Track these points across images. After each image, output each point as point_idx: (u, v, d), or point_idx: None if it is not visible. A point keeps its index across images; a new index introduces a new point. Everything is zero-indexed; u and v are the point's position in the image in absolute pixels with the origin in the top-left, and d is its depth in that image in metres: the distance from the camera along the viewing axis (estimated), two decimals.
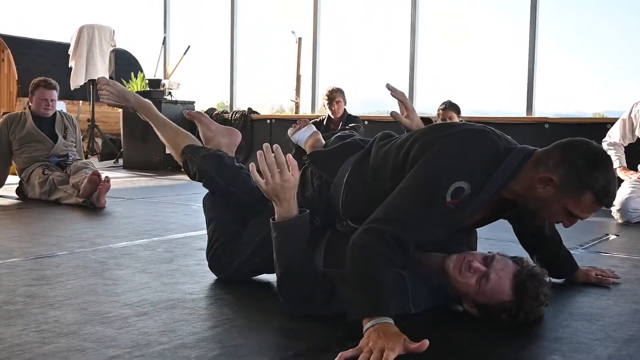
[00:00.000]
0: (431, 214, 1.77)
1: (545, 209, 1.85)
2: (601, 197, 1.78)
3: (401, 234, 1.73)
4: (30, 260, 2.68)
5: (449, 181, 1.76)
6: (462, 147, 1.83)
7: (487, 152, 1.83)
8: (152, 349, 1.64)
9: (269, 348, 1.69)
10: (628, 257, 3.08)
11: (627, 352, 1.70)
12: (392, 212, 1.78)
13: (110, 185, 4.34)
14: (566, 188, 1.78)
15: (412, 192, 1.79)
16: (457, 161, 1.80)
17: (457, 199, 1.76)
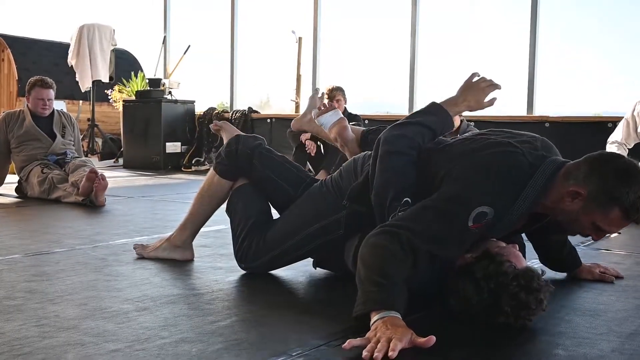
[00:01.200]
0: (451, 235, 1.80)
1: (574, 222, 1.87)
2: (630, 212, 1.77)
3: (415, 241, 1.75)
4: (30, 257, 2.67)
5: (471, 206, 1.78)
6: (487, 172, 1.84)
7: (515, 174, 1.84)
8: (152, 343, 1.63)
9: (271, 342, 1.68)
10: (630, 253, 3.07)
11: (630, 347, 1.69)
12: (413, 221, 1.80)
13: (107, 183, 4.32)
14: (595, 202, 1.78)
15: (436, 210, 1.82)
16: (481, 187, 1.82)
17: (480, 223, 1.79)
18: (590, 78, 7.07)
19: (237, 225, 2.43)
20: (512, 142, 1.92)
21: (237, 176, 2.48)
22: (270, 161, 2.43)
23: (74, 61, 8.37)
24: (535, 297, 1.78)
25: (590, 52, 7.08)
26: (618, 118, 5.41)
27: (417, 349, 1.57)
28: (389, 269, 1.72)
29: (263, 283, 2.31)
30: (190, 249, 2.67)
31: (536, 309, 1.80)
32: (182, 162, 7.95)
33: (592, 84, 7.05)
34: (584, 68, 7.10)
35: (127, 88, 8.71)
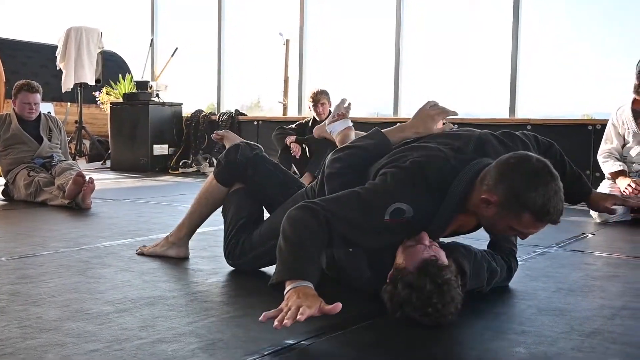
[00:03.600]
0: (367, 224, 1.92)
1: (493, 226, 1.93)
2: (540, 216, 1.80)
3: (333, 221, 1.89)
4: (15, 260, 2.72)
5: (390, 201, 1.89)
6: (410, 174, 1.94)
7: (433, 180, 1.93)
8: (130, 343, 1.69)
9: (245, 342, 1.74)
10: (601, 255, 3.16)
11: (589, 345, 1.77)
12: (335, 203, 1.94)
13: (94, 186, 4.38)
14: (506, 209, 1.82)
15: (358, 198, 1.94)
16: (402, 186, 1.93)
17: (397, 219, 1.89)
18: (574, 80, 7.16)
19: (228, 224, 2.58)
20: (440, 148, 2.02)
21: (233, 182, 2.64)
22: (264, 171, 2.57)
23: (61, 64, 8.41)
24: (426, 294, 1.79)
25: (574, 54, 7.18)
26: (599, 121, 5.52)
27: (382, 349, 1.64)
28: (305, 241, 1.86)
29: (242, 285, 2.38)
30: (186, 247, 2.80)
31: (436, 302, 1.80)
32: (170, 164, 8.00)
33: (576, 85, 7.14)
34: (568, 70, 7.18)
35: (115, 90, 8.75)
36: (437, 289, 1.80)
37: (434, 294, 1.79)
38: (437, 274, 1.81)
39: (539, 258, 2.99)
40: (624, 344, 1.78)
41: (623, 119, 4.41)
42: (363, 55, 8.42)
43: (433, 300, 1.80)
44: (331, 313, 1.71)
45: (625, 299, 2.28)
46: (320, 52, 8.43)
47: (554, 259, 3.00)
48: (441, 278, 1.81)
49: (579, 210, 4.81)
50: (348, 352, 1.71)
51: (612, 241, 3.61)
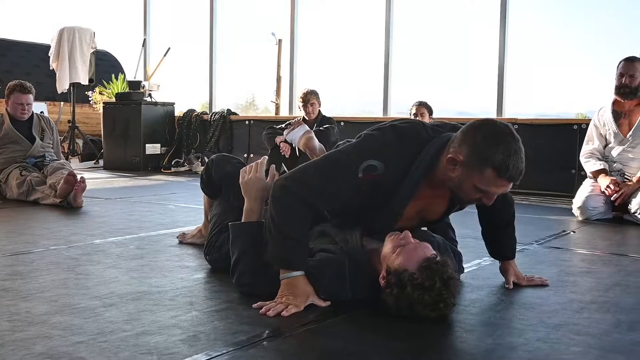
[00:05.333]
0: (342, 181, 2.04)
1: (459, 188, 2.02)
2: (501, 171, 1.91)
3: (311, 197, 2.04)
4: (6, 257, 2.79)
5: (363, 157, 2.02)
6: (384, 133, 2.08)
7: (409, 141, 2.05)
8: (115, 335, 1.77)
9: (226, 334, 1.82)
10: (578, 251, 3.25)
11: (554, 336, 1.85)
12: (307, 174, 2.08)
13: (86, 186, 4.45)
14: (470, 166, 1.94)
15: (332, 158, 2.09)
16: (375, 143, 2.06)
17: (370, 174, 2.01)
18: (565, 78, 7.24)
19: (213, 223, 2.65)
20: (416, 123, 2.15)
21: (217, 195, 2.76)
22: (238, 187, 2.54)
23: (55, 64, 8.46)
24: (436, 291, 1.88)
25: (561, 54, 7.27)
26: (584, 120, 5.61)
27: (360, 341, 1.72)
28: (290, 228, 2.03)
29: (225, 281, 2.44)
30: None
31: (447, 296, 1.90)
32: (162, 163, 8.07)
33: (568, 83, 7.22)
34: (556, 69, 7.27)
35: (108, 90, 8.81)
36: (445, 285, 1.90)
37: (443, 290, 1.89)
38: (442, 271, 1.91)
39: (518, 255, 3.03)
40: (587, 335, 1.86)
41: (604, 120, 4.50)
42: (353, 55, 8.50)
43: (444, 296, 1.90)
44: (319, 305, 2.00)
45: (594, 294, 2.36)
46: (311, 52, 8.50)
47: (532, 255, 3.08)
48: (446, 274, 1.91)
49: (561, 209, 4.91)
50: (326, 343, 1.78)
51: (591, 239, 3.70)
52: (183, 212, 4.32)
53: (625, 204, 4.29)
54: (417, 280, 1.90)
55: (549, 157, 6.03)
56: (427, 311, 1.91)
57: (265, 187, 2.32)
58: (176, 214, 4.23)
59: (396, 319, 1.94)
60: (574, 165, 5.71)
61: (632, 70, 4.30)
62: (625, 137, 4.42)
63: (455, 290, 1.96)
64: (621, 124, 4.44)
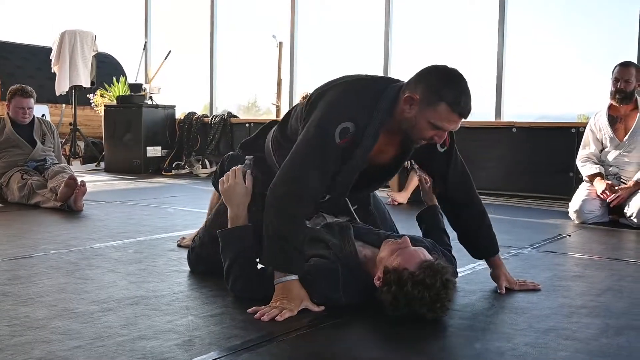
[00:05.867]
0: (325, 156, 2.13)
1: (415, 127, 2.14)
2: (454, 106, 2.07)
3: (304, 189, 2.12)
4: (7, 262, 2.83)
5: (334, 124, 2.12)
6: (343, 95, 2.20)
7: (366, 94, 2.19)
8: (112, 340, 1.81)
9: (221, 338, 1.86)
10: (572, 255, 3.28)
11: (542, 341, 1.89)
12: (294, 169, 2.14)
13: (86, 189, 4.50)
14: (425, 102, 2.09)
15: (307, 141, 2.15)
16: (339, 107, 2.17)
17: (345, 137, 2.12)
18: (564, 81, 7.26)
19: (204, 227, 2.70)
20: (367, 76, 2.30)
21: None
22: None
23: (56, 67, 8.51)
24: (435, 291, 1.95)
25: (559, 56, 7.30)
26: (582, 124, 5.63)
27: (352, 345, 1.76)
28: (289, 232, 2.09)
29: (221, 286, 2.47)
30: None
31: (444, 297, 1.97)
32: (163, 166, 8.11)
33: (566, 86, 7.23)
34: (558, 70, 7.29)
35: (109, 93, 8.85)
36: (444, 286, 1.97)
37: (442, 290, 1.96)
38: (443, 272, 1.98)
39: (511, 259, 3.10)
40: (575, 340, 1.90)
41: (600, 124, 4.54)
42: (352, 57, 8.54)
43: (442, 296, 1.97)
44: (312, 310, 2.05)
45: (585, 298, 2.40)
46: (311, 54, 8.54)
47: (526, 259, 3.12)
48: (446, 275, 1.98)
49: (558, 212, 4.94)
50: (319, 348, 1.82)
51: (586, 242, 3.73)
52: (182, 216, 4.36)
53: (621, 207, 4.32)
54: (419, 277, 1.96)
55: (547, 161, 6.06)
56: (424, 310, 1.97)
57: (246, 192, 2.36)
58: (175, 218, 4.27)
59: (387, 323, 1.98)
60: (572, 168, 5.73)
61: (627, 75, 4.33)
62: (621, 141, 4.45)
63: (451, 294, 2.03)
64: (617, 128, 4.47)
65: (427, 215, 2.71)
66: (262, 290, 2.18)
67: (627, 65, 4.38)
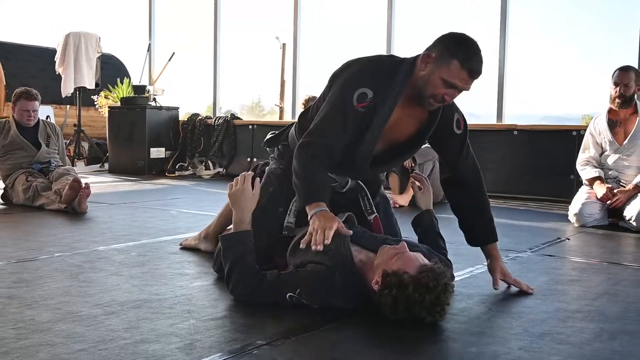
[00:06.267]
0: (345, 117, 2.34)
1: (428, 84, 2.31)
2: (464, 63, 2.26)
3: (325, 142, 2.37)
4: (12, 264, 2.88)
5: (353, 88, 2.34)
6: (362, 67, 2.42)
7: (384, 66, 2.40)
8: (115, 343, 1.85)
9: (222, 342, 1.90)
10: (570, 259, 3.31)
11: (537, 345, 1.92)
12: (319, 125, 2.40)
13: (90, 192, 4.55)
14: (440, 60, 2.29)
15: (329, 104, 2.39)
16: (358, 75, 2.38)
17: (364, 102, 2.33)
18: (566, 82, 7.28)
19: None
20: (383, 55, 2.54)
21: None
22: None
23: (61, 68, 8.57)
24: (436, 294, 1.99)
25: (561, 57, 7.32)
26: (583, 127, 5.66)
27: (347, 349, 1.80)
28: (313, 176, 2.35)
29: (223, 288, 2.52)
30: (213, 243, 3.09)
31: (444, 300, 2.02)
32: (166, 167, 8.16)
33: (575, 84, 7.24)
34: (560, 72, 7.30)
35: (113, 94, 8.91)
36: (444, 290, 2.02)
37: (442, 294, 2.01)
38: (443, 276, 2.03)
39: (510, 262, 3.14)
40: (568, 344, 1.93)
41: (599, 128, 4.57)
42: None
43: (442, 300, 2.02)
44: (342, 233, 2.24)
45: (581, 302, 2.43)
46: (314, 56, 8.58)
47: (524, 263, 3.15)
48: (445, 279, 2.03)
49: (559, 215, 4.97)
50: (318, 351, 1.86)
51: (585, 246, 3.76)
52: (185, 219, 4.40)
53: (620, 211, 4.35)
54: (421, 280, 2.00)
55: (548, 163, 6.10)
56: (423, 313, 2.01)
57: (252, 198, 2.42)
58: (178, 220, 4.32)
59: (385, 327, 2.02)
60: (573, 171, 5.76)
61: (627, 79, 4.36)
62: (620, 145, 4.48)
63: (450, 298, 2.08)
64: (616, 132, 4.50)
65: (423, 219, 2.74)
66: (262, 296, 2.23)
67: (626, 70, 4.41)
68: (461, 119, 2.56)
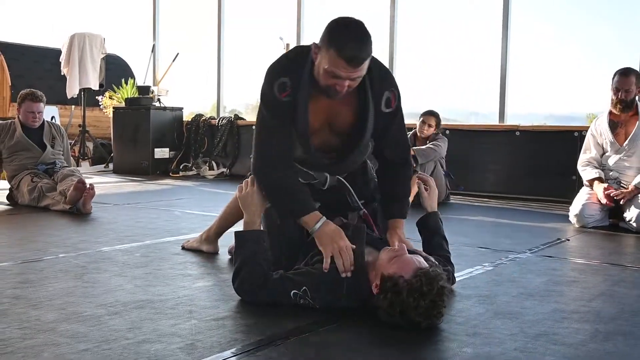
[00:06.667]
0: (275, 114, 2.38)
1: (319, 75, 2.29)
2: (340, 51, 2.19)
3: (273, 152, 2.39)
4: (18, 265, 2.93)
5: (272, 82, 2.37)
6: (278, 60, 2.46)
7: (295, 55, 2.42)
8: (118, 343, 1.89)
9: (222, 342, 1.93)
10: (569, 260, 3.34)
11: (532, 346, 1.95)
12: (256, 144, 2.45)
13: (94, 192, 4.59)
14: (323, 50, 2.25)
15: (258, 112, 2.45)
16: (274, 68, 2.42)
17: (285, 91, 2.35)
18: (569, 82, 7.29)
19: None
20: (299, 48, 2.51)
21: None
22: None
23: (65, 69, 8.63)
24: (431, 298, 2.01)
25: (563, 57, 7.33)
26: (585, 127, 5.69)
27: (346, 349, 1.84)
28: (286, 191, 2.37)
29: (225, 290, 2.57)
30: (215, 244, 3.22)
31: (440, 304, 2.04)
32: (170, 167, 8.21)
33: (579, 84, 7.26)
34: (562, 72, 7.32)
35: (118, 94, 8.96)
36: (439, 294, 2.03)
37: (437, 298, 2.02)
38: (438, 279, 2.04)
39: (509, 263, 3.17)
40: (563, 345, 1.96)
41: (600, 129, 4.59)
42: None
43: (437, 303, 2.03)
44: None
45: (577, 303, 2.46)
46: None
47: (523, 264, 3.18)
48: (441, 282, 2.05)
49: (560, 215, 5.00)
50: (317, 351, 1.90)
51: (584, 247, 3.79)
52: (188, 219, 4.44)
53: (621, 211, 4.38)
54: (415, 285, 2.02)
55: (550, 164, 6.12)
56: (419, 318, 2.02)
57: (261, 200, 2.46)
58: (181, 221, 4.36)
59: (383, 328, 2.06)
60: (574, 171, 5.78)
61: (628, 85, 4.38)
62: (621, 146, 4.50)
63: (447, 300, 2.09)
64: (617, 133, 4.53)
65: (428, 221, 2.77)
66: (266, 294, 2.27)
67: (627, 75, 4.42)
68: (392, 96, 2.46)
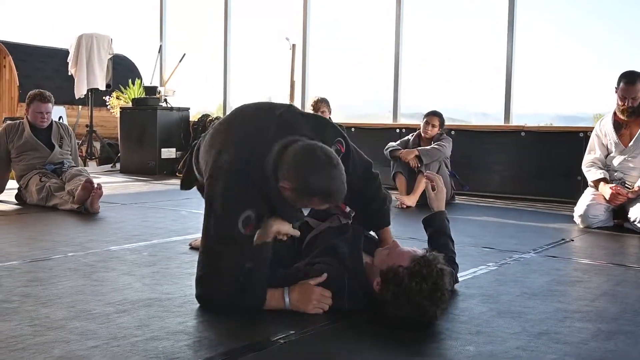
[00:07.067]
0: (237, 245, 2.16)
1: (296, 204, 2.20)
2: (326, 197, 2.12)
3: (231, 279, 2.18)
4: (27, 264, 2.97)
5: (236, 214, 2.14)
6: (235, 180, 2.16)
7: (254, 179, 2.16)
8: (126, 340, 1.93)
9: (227, 340, 1.97)
10: (573, 260, 3.36)
11: (534, 345, 1.98)
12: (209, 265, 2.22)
13: (102, 192, 4.64)
14: (299, 194, 2.12)
15: (216, 237, 2.19)
16: (235, 195, 2.16)
17: (249, 225, 2.16)
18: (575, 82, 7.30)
19: None
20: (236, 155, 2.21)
21: None
22: None
23: (73, 70, 8.69)
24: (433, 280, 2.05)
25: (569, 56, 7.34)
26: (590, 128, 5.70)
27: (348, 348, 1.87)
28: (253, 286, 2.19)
29: None
30: None
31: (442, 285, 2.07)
32: (177, 167, 8.25)
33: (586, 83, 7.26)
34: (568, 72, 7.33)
35: (125, 95, 9.02)
36: (439, 275, 2.07)
37: (438, 278, 2.07)
38: (436, 261, 2.10)
39: (513, 263, 3.20)
40: (565, 344, 1.99)
41: (605, 130, 4.61)
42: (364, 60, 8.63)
43: (440, 285, 2.07)
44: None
45: (580, 303, 2.49)
46: (323, 56, 8.65)
47: (527, 264, 3.20)
48: (439, 264, 2.10)
49: (565, 216, 5.02)
50: (320, 347, 1.93)
51: (588, 247, 3.81)
52: (195, 218, 4.47)
53: (625, 212, 4.39)
54: (414, 269, 2.07)
55: (555, 164, 6.14)
56: (426, 302, 2.05)
57: None
58: (188, 220, 4.40)
59: (383, 326, 2.09)
60: (580, 172, 5.79)
61: (634, 93, 4.39)
62: (626, 147, 4.52)
63: (448, 281, 2.12)
64: (622, 134, 4.54)
65: (436, 220, 2.77)
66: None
67: (633, 83, 4.40)
68: (340, 144, 2.36)
